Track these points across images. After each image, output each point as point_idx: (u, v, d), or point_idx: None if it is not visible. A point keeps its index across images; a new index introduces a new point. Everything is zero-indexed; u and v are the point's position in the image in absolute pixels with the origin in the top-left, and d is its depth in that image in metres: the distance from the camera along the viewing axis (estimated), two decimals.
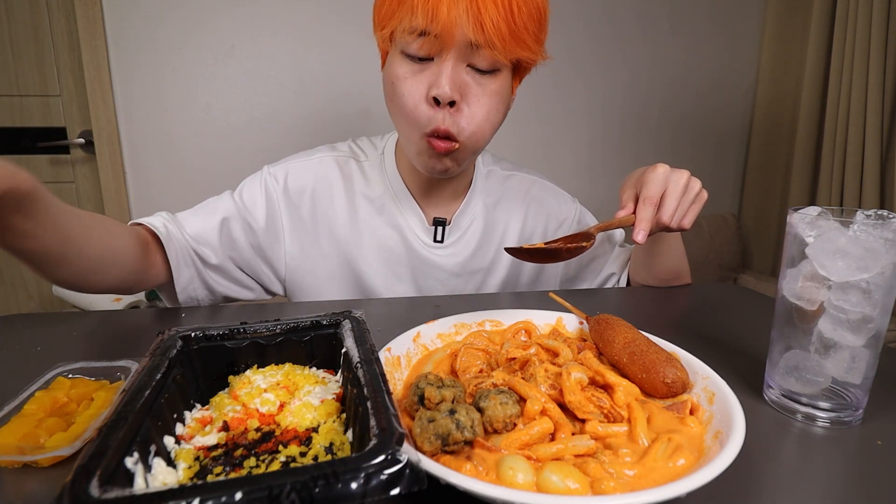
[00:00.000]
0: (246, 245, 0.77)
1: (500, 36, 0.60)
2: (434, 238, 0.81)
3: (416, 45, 0.62)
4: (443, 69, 0.62)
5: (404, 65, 0.65)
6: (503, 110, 0.69)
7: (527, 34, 0.62)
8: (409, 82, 0.65)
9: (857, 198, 1.92)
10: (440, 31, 0.60)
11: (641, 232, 0.61)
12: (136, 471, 0.28)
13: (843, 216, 0.41)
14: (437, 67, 0.63)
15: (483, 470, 0.32)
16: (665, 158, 2.20)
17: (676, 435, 0.35)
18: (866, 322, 0.40)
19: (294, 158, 0.82)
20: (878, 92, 1.82)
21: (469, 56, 0.62)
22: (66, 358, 0.46)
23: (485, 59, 0.63)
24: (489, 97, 0.66)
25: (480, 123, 0.66)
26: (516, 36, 0.61)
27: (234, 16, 1.69)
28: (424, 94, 0.64)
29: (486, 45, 0.61)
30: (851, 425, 0.43)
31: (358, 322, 0.43)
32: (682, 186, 0.62)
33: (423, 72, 0.64)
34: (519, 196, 0.87)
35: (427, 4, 0.59)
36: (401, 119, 0.68)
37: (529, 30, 0.62)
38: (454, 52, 0.62)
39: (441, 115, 0.64)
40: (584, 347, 0.50)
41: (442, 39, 0.60)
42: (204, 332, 0.41)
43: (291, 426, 0.36)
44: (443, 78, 0.62)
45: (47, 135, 1.71)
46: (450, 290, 0.84)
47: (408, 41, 0.63)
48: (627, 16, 2.02)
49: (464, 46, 0.61)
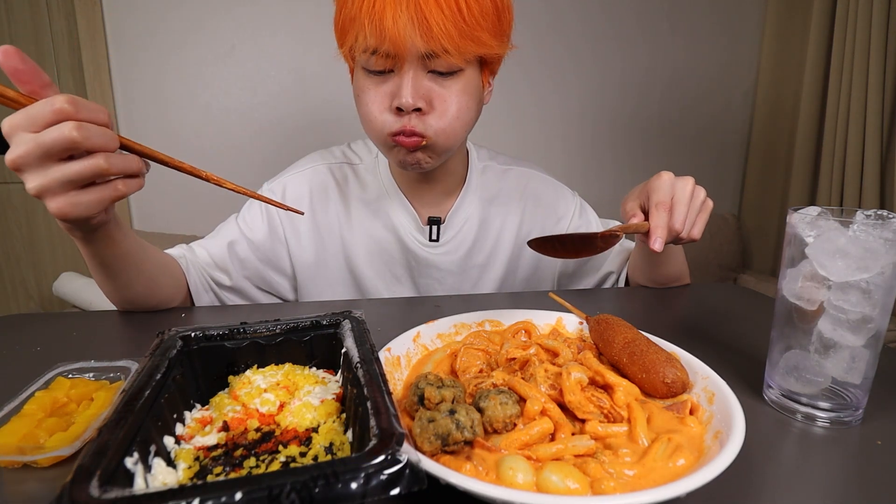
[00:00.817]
0: (255, 261, 0.80)
1: (451, 40, 0.59)
2: (429, 237, 0.81)
3: (372, 62, 0.63)
4: (403, 80, 0.63)
5: (366, 79, 0.66)
6: (474, 106, 0.69)
7: (481, 30, 0.61)
8: (372, 94, 0.66)
9: (857, 198, 1.92)
10: (390, 47, 0.60)
11: (659, 239, 0.58)
12: (136, 471, 0.28)
13: (843, 216, 0.41)
14: (398, 78, 0.64)
15: (483, 470, 0.32)
16: (665, 158, 2.20)
17: (676, 435, 0.35)
18: (866, 322, 0.40)
19: (289, 171, 0.85)
20: (878, 92, 1.82)
21: (427, 63, 0.63)
22: (66, 358, 0.46)
23: (443, 64, 0.63)
24: (456, 97, 0.66)
25: (450, 121, 0.67)
26: (469, 35, 0.60)
27: (234, 16, 1.69)
28: (388, 104, 0.65)
29: (439, 52, 0.60)
30: (851, 425, 0.43)
31: (358, 322, 0.43)
32: (689, 192, 0.61)
33: (386, 83, 0.65)
34: (516, 191, 0.87)
35: (372, 22, 0.59)
36: (367, 126, 0.70)
37: (483, 26, 0.61)
38: (410, 63, 0.62)
39: (406, 119, 0.65)
40: (584, 347, 0.50)
41: (394, 53, 0.61)
42: (204, 332, 0.41)
43: (291, 426, 0.36)
44: (404, 89, 0.63)
45: None
46: (448, 287, 0.84)
47: (365, 58, 0.64)
48: (627, 15, 2.02)
49: (419, 56, 0.61)
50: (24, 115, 0.42)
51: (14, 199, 1.74)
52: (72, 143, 0.42)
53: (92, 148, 0.43)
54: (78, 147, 0.42)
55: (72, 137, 0.41)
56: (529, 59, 1.88)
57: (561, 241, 0.54)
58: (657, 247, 0.58)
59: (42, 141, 0.42)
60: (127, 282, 0.62)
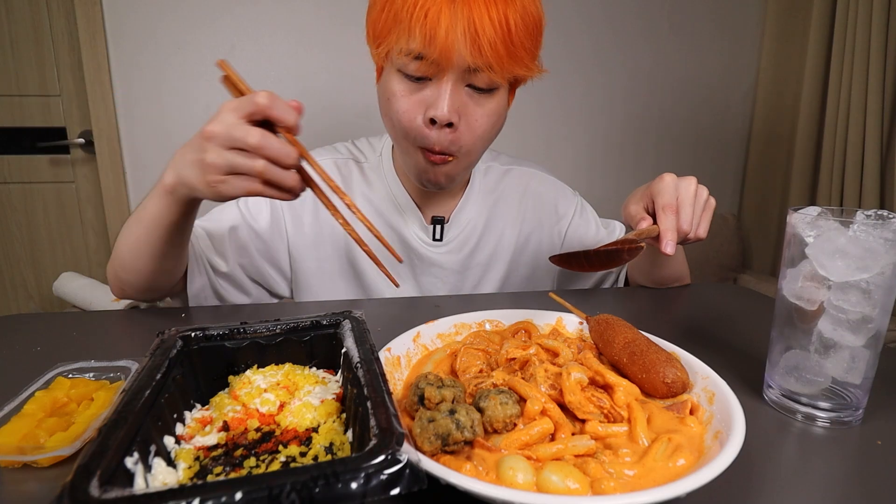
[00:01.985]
0: (253, 250, 0.78)
1: (498, 57, 0.59)
2: (433, 237, 0.81)
3: (412, 66, 0.62)
4: (441, 91, 0.62)
5: (401, 83, 0.64)
6: (499, 126, 0.70)
7: (524, 52, 0.62)
8: (406, 101, 0.64)
9: (857, 198, 1.92)
10: (438, 56, 0.59)
11: (670, 243, 0.58)
12: (136, 471, 0.28)
13: (843, 216, 0.41)
14: (435, 89, 0.63)
15: (483, 470, 0.32)
16: (665, 159, 2.20)
17: (676, 435, 0.35)
18: (866, 322, 0.40)
19: None
20: (878, 92, 1.82)
21: (467, 77, 0.62)
22: (66, 358, 0.46)
23: (483, 80, 0.62)
24: (487, 116, 0.66)
25: (475, 141, 0.67)
26: (513, 54, 0.61)
27: (234, 16, 1.69)
28: (422, 113, 0.64)
29: (484, 68, 0.60)
30: (851, 425, 0.43)
31: (358, 322, 0.43)
32: (692, 192, 0.61)
33: (421, 91, 0.64)
34: (518, 190, 0.87)
35: (425, 27, 0.58)
36: (395, 133, 0.69)
37: (526, 47, 0.62)
38: (452, 74, 0.61)
39: (436, 135, 0.64)
40: (584, 347, 0.50)
41: (439, 63, 0.60)
42: (204, 332, 0.41)
43: (291, 426, 0.36)
44: (441, 101, 0.62)
45: (47, 135, 1.71)
46: (449, 286, 0.84)
47: (404, 62, 0.62)
48: (627, 17, 2.02)
49: (461, 69, 0.61)
50: (237, 102, 0.49)
51: (14, 199, 1.74)
52: (249, 146, 0.47)
53: (265, 156, 0.48)
54: (255, 150, 0.48)
55: (250, 143, 0.47)
56: None
57: (586, 255, 0.53)
58: (669, 250, 0.58)
59: (231, 133, 0.48)
60: (179, 252, 0.65)
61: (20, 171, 1.72)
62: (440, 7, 0.57)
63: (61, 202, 1.77)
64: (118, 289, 0.69)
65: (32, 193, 1.75)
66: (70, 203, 1.77)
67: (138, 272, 0.64)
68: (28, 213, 1.76)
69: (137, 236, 0.61)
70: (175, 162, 0.56)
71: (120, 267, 0.65)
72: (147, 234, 0.60)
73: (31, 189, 1.75)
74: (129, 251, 0.63)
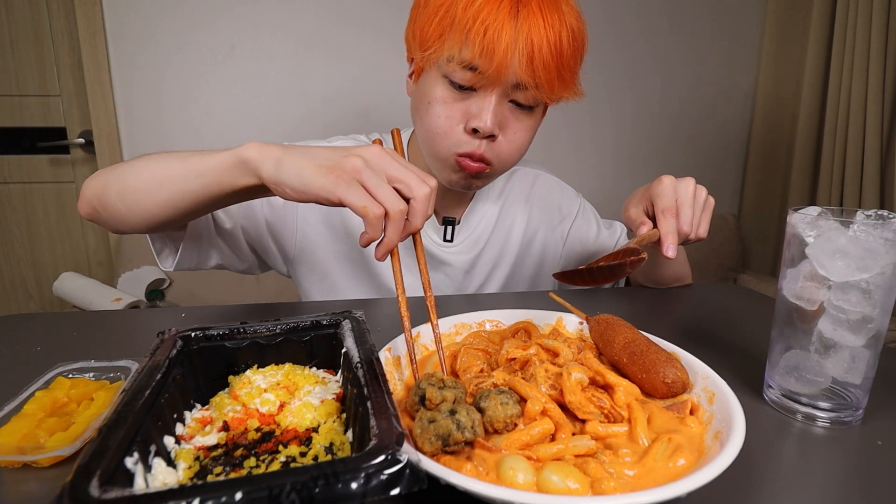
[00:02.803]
0: (261, 218, 0.76)
1: (549, 77, 0.60)
2: (444, 237, 0.82)
3: (461, 76, 0.61)
4: (486, 104, 0.62)
5: (445, 90, 0.64)
6: (532, 140, 0.71)
7: (570, 74, 0.63)
8: (449, 108, 0.64)
9: (857, 198, 1.92)
10: (493, 71, 0.59)
11: (671, 246, 0.59)
12: (136, 471, 0.28)
13: (843, 216, 0.41)
14: (479, 100, 0.63)
15: (483, 470, 0.32)
16: (665, 159, 2.20)
17: (676, 435, 0.35)
18: (866, 322, 0.40)
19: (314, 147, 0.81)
20: (878, 92, 1.82)
21: (512, 92, 0.63)
22: (66, 358, 0.46)
23: (527, 97, 0.63)
24: (525, 131, 0.67)
25: (513, 153, 0.68)
26: (560, 75, 0.62)
27: (234, 16, 1.69)
28: (463, 121, 0.64)
29: (532, 87, 0.61)
30: (851, 425, 0.43)
31: (358, 322, 0.43)
32: (691, 193, 0.62)
33: (465, 100, 0.64)
34: (524, 191, 0.88)
35: (484, 40, 0.57)
36: (432, 139, 0.67)
37: (572, 69, 0.63)
38: (500, 88, 0.62)
39: (477, 143, 0.65)
40: (584, 347, 0.50)
41: (492, 77, 0.60)
42: (204, 332, 0.41)
43: (291, 426, 0.36)
44: (485, 113, 0.62)
45: (47, 135, 1.71)
46: (457, 284, 0.85)
47: (453, 69, 0.61)
48: (627, 17, 2.02)
49: (510, 84, 0.61)
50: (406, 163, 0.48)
51: (14, 199, 1.74)
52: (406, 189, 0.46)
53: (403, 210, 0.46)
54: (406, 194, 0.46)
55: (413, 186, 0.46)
56: None
57: (589, 272, 0.54)
58: (671, 254, 0.58)
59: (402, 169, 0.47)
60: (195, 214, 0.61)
61: (20, 171, 1.73)
62: (502, 23, 0.57)
63: (61, 202, 1.77)
64: (92, 209, 0.62)
65: (32, 193, 1.75)
66: (70, 203, 1.77)
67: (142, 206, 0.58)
68: (28, 213, 1.76)
69: (171, 172, 0.56)
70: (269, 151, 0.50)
71: (119, 191, 0.58)
72: (184, 175, 0.55)
73: (30, 189, 1.75)
74: (146, 181, 0.57)
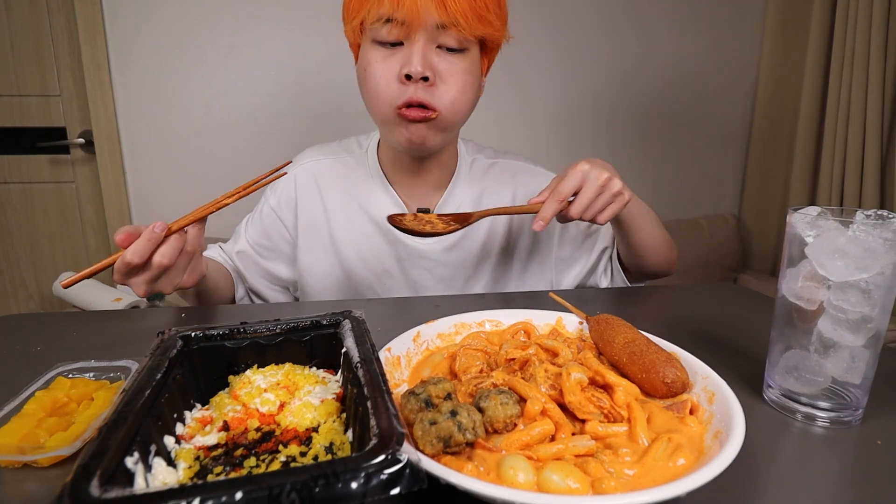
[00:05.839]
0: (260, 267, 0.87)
1: (464, 15, 0.64)
2: None
3: (384, 31, 0.66)
4: (413, 50, 0.66)
5: (376, 51, 0.69)
6: (475, 88, 0.73)
7: (488, 12, 0.67)
8: (381, 65, 0.68)
9: (857, 198, 1.91)
10: (406, 16, 0.64)
11: (540, 222, 0.64)
12: (137, 471, 0.28)
13: (843, 216, 0.41)
14: (407, 49, 0.67)
15: (484, 470, 0.32)
16: (665, 158, 2.20)
17: (676, 435, 0.35)
18: (866, 322, 0.40)
19: None
20: (878, 92, 1.82)
21: (437, 37, 0.66)
22: (66, 358, 0.46)
23: (452, 38, 0.67)
24: (461, 73, 0.69)
25: (456, 95, 0.69)
26: (479, 14, 0.66)
27: (234, 16, 1.69)
28: (396, 73, 0.67)
29: (451, 24, 0.64)
30: (851, 425, 0.43)
31: (358, 322, 0.43)
32: (597, 186, 0.65)
33: (395, 55, 0.68)
34: (504, 183, 0.87)
35: None
36: (373, 100, 0.71)
37: (490, 8, 0.67)
38: (422, 33, 0.66)
39: (413, 88, 0.67)
40: (584, 347, 0.50)
41: (409, 23, 0.64)
42: (204, 332, 0.41)
43: (291, 426, 0.36)
44: (414, 57, 0.66)
45: (47, 135, 1.71)
46: (439, 277, 0.84)
47: (377, 28, 0.66)
48: (624, 15, 2.01)
49: (431, 28, 0.65)
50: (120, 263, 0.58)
51: (14, 199, 1.74)
52: (128, 268, 0.57)
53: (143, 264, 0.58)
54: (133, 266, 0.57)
55: (126, 263, 0.56)
56: (521, 52, 1.88)
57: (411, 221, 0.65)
58: (535, 227, 0.65)
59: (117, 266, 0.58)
60: (211, 296, 0.78)
61: (20, 171, 1.72)
62: None
63: (61, 202, 1.77)
64: None
65: (32, 193, 1.75)
66: (70, 203, 1.77)
67: None
68: (28, 213, 1.76)
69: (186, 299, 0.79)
70: None
71: None
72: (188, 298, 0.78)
73: (31, 189, 1.75)
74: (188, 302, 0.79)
